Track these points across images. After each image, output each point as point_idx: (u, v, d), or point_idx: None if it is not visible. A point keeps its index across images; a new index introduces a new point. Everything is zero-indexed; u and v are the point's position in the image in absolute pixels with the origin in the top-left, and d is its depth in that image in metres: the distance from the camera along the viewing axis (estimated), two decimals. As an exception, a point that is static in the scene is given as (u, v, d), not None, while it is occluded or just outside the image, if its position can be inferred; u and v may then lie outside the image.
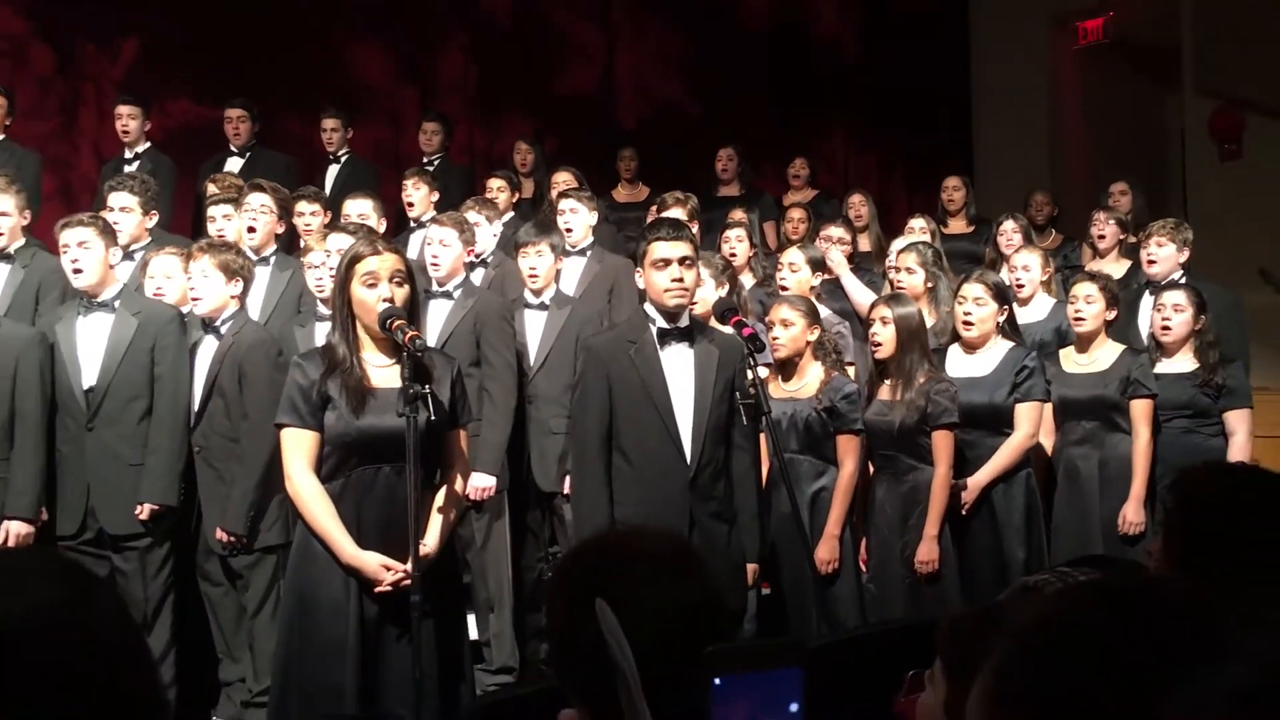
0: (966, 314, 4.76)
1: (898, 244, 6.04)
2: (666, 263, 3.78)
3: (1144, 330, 5.31)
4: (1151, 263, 5.56)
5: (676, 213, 5.91)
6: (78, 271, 4.51)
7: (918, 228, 6.54)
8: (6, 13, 8.11)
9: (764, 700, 1.27)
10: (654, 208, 6.43)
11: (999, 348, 4.77)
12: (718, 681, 1.27)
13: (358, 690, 3.27)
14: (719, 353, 3.84)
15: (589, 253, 5.82)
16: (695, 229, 5.98)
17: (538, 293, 5.17)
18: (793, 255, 5.53)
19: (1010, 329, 4.83)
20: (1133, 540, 4.67)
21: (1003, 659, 0.88)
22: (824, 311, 5.40)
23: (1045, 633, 0.87)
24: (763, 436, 4.02)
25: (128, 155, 7.04)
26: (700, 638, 1.35)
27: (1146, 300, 5.43)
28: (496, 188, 7.02)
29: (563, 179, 6.93)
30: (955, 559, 4.46)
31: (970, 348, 4.80)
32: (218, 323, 4.55)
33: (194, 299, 4.57)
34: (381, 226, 5.90)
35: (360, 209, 5.83)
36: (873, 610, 4.48)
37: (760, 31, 10.05)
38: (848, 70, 10.14)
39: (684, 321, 3.86)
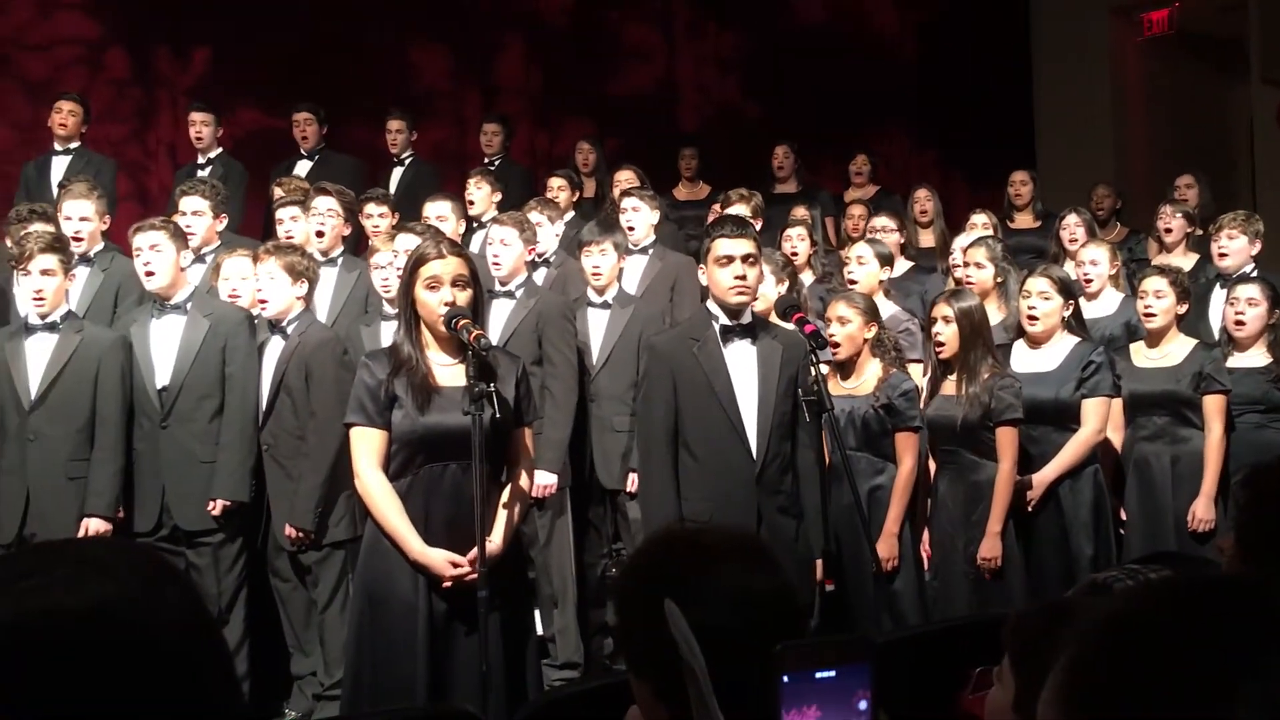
0: (1031, 308, 4.70)
1: (961, 240, 5.98)
2: (730, 260, 3.77)
3: (1214, 324, 5.22)
4: (1223, 256, 5.45)
5: (740, 210, 5.89)
6: (150, 274, 4.60)
7: (980, 223, 6.47)
8: (84, 20, 8.28)
9: (833, 697, 1.27)
10: (716, 205, 6.41)
11: (1065, 343, 4.71)
12: (786, 678, 1.26)
13: (427, 684, 3.30)
14: (782, 349, 3.84)
15: (651, 251, 5.82)
16: (758, 226, 5.97)
17: (600, 291, 5.19)
18: (861, 249, 5.49)
19: (1076, 324, 4.76)
20: (1204, 537, 4.58)
21: (1077, 656, 0.87)
22: (892, 308, 5.36)
23: (1121, 630, 0.86)
24: (824, 433, 4.00)
25: (200, 160, 7.17)
26: (774, 633, 1.34)
27: (1217, 294, 5.33)
28: (557, 187, 7.04)
29: (625, 178, 6.94)
30: (1020, 556, 4.41)
31: (1035, 343, 4.74)
32: (284, 323, 4.62)
33: (261, 301, 4.64)
34: (460, 228, 5.94)
35: (439, 210, 5.88)
36: (935, 607, 4.44)
37: (819, 30, 10.00)
38: (907, 66, 10.06)
39: (746, 318, 3.85)
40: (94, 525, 4.36)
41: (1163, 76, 9.71)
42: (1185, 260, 6.10)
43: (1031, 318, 4.70)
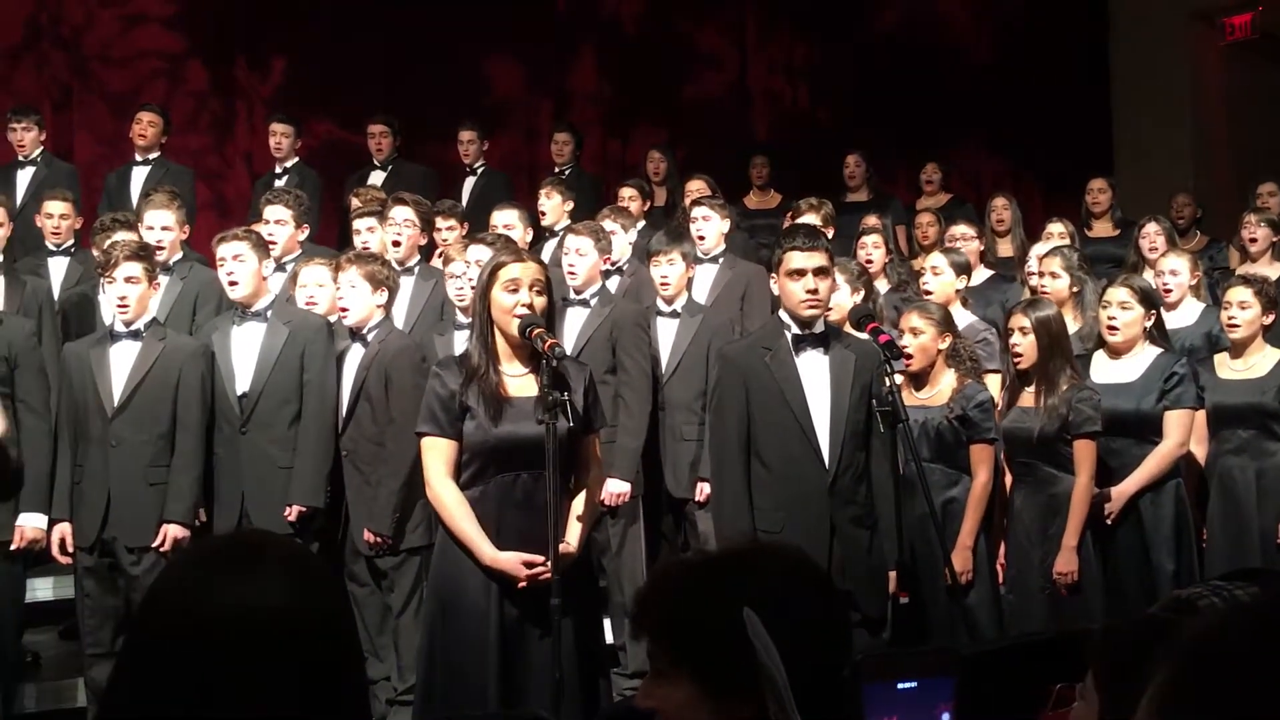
0: (1111, 319, 4.64)
1: (1038, 249, 5.91)
2: (802, 273, 3.76)
3: (1301, 336, 5.10)
4: (1311, 265, 5.34)
5: (811, 219, 5.88)
6: (233, 284, 4.69)
7: (1056, 232, 6.39)
8: (164, 33, 8.49)
9: (915, 708, 1.27)
10: (789, 214, 6.40)
11: (1146, 354, 4.64)
12: (868, 688, 1.27)
13: (499, 691, 3.32)
14: (855, 358, 3.82)
15: (721, 260, 5.82)
16: (830, 234, 5.95)
17: (669, 300, 5.19)
18: (936, 259, 5.45)
19: (1159, 334, 4.68)
20: (1290, 552, 4.49)
21: (1175, 674, 0.86)
22: (969, 318, 5.31)
23: (1224, 649, 0.85)
24: (898, 444, 3.97)
25: (277, 170, 7.30)
26: (815, 643, 1.35)
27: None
28: (628, 196, 7.06)
29: (696, 187, 6.95)
30: (1098, 571, 4.34)
31: (1116, 353, 4.67)
32: (364, 331, 4.68)
33: (342, 309, 4.71)
34: (527, 236, 5.99)
35: (506, 219, 5.93)
36: (1010, 621, 4.38)
37: (891, 36, 9.95)
38: (982, 73, 9.97)
39: (819, 328, 3.84)
40: (173, 531, 4.44)
41: (1244, 81, 9.53)
42: (1271, 270, 5.97)
43: (1112, 328, 4.63)
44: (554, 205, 6.62)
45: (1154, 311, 4.67)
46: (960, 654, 1.53)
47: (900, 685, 1.26)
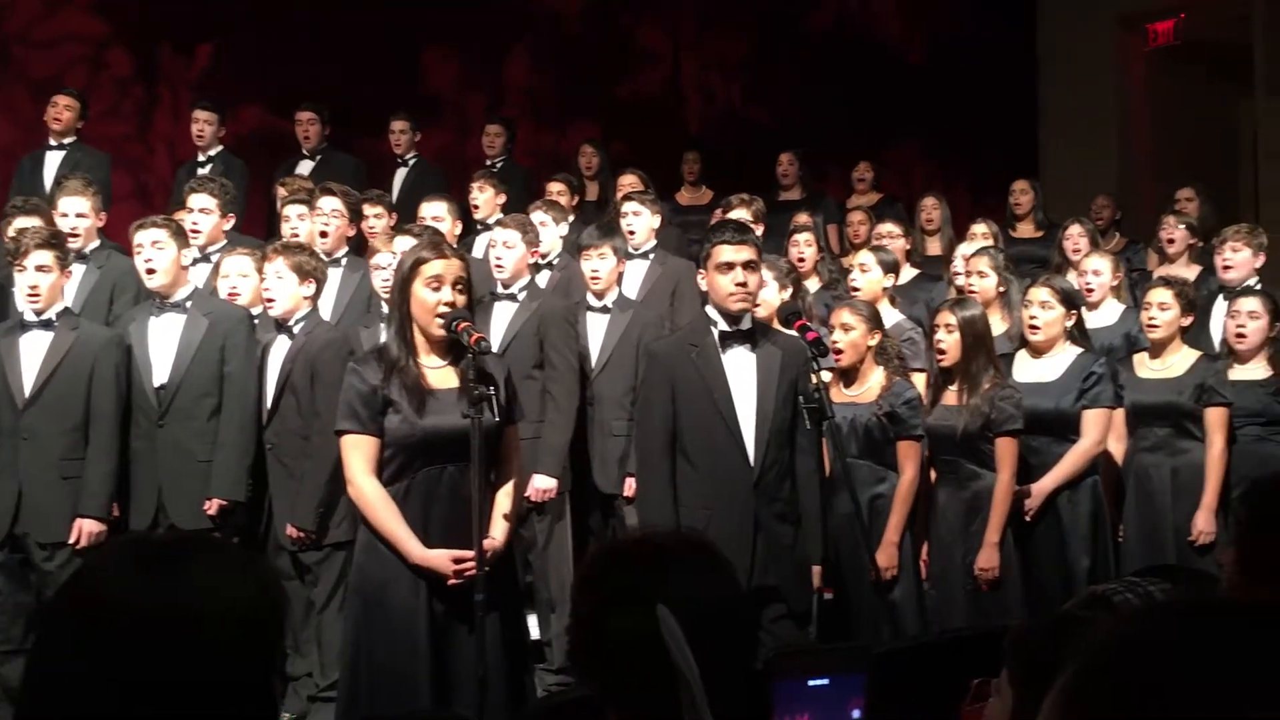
0: (1033, 318, 4.70)
1: (964, 249, 5.97)
2: (730, 266, 3.76)
3: (1216, 336, 5.21)
4: (1227, 268, 5.45)
5: (741, 214, 5.89)
6: (151, 272, 4.59)
7: (980, 233, 6.46)
8: (87, 16, 8.29)
9: (826, 704, 1.26)
10: (719, 210, 6.41)
11: (1067, 353, 4.70)
12: (779, 685, 1.26)
13: (431, 687, 3.29)
14: (781, 355, 3.82)
15: (652, 256, 5.81)
16: (760, 231, 5.96)
17: (600, 295, 5.18)
18: (864, 256, 5.48)
19: (1079, 334, 4.75)
20: (1204, 549, 4.58)
21: (1081, 672, 0.86)
22: (896, 316, 5.35)
23: (1126, 652, 0.85)
24: (824, 441, 3.99)
25: (200, 158, 7.16)
26: (720, 641, 1.35)
27: (1219, 306, 5.33)
28: (557, 191, 7.04)
29: (627, 181, 6.94)
30: (1018, 566, 4.40)
31: (1037, 353, 4.73)
32: (290, 322, 4.61)
33: (268, 300, 4.63)
34: (456, 229, 5.94)
35: (435, 211, 5.88)
36: (934, 617, 4.43)
37: (825, 37, 10.01)
38: (911, 75, 10.06)
39: (746, 324, 3.84)
40: (88, 526, 4.35)
41: (1167, 87, 9.71)
42: (1187, 272, 6.09)
43: (1033, 327, 4.69)
44: (486, 198, 6.58)
45: (1075, 311, 4.74)
46: (871, 650, 1.53)
47: (811, 682, 1.25)
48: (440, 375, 3.42)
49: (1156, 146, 9.62)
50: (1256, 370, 4.84)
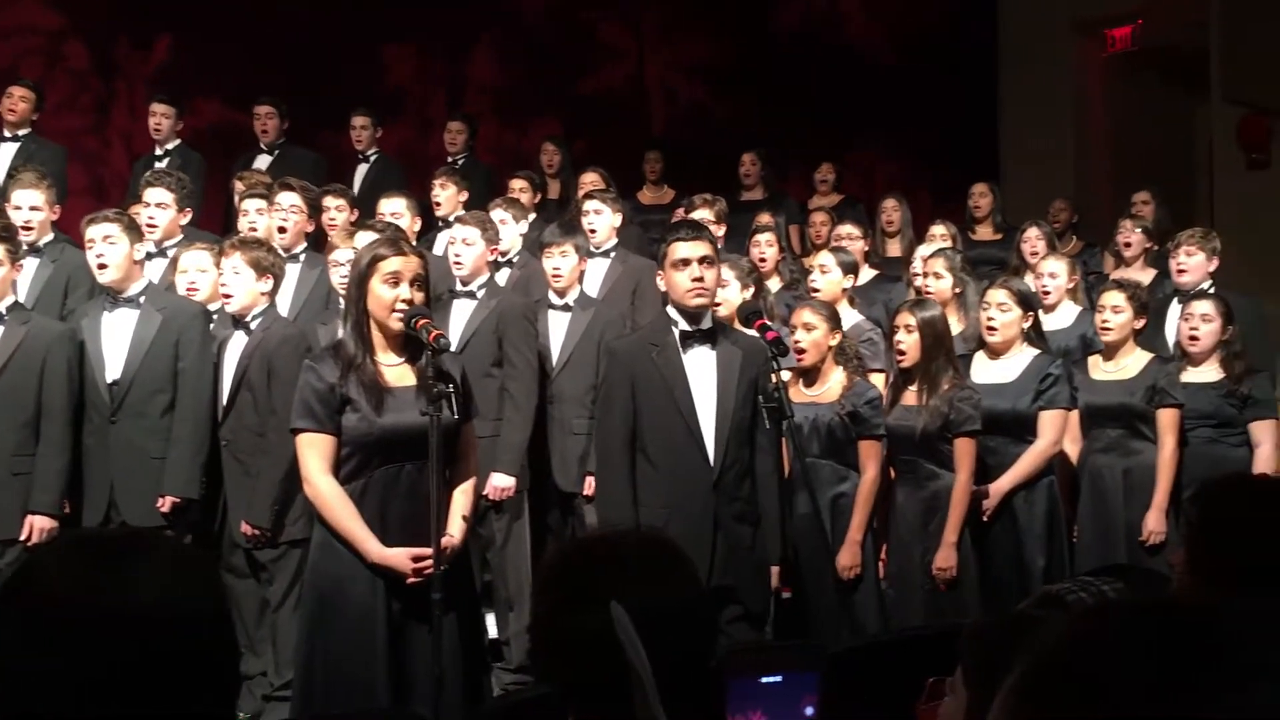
0: (990, 319, 4.74)
1: (923, 250, 6.01)
2: (686, 263, 3.77)
3: (1170, 339, 5.27)
4: (1181, 272, 5.52)
5: (704, 214, 5.90)
6: (103, 267, 4.54)
7: (939, 234, 6.51)
8: (42, 9, 8.17)
9: (779, 702, 1.26)
10: (681, 209, 6.41)
11: (1024, 355, 4.74)
12: (733, 683, 1.26)
13: (389, 686, 3.27)
14: (742, 355, 3.83)
15: (613, 254, 5.81)
16: (722, 231, 5.98)
17: (561, 293, 5.17)
18: (824, 258, 5.50)
19: (1036, 336, 4.79)
20: (1154, 549, 4.63)
21: (1029, 671, 0.86)
22: (856, 317, 5.38)
23: (1075, 647, 0.85)
24: (784, 440, 4.00)
25: (158, 152, 7.08)
26: (679, 639, 1.35)
27: (1174, 309, 5.39)
28: (519, 188, 7.02)
29: (589, 180, 6.93)
30: (975, 566, 4.43)
31: (994, 354, 4.77)
32: (248, 319, 4.57)
33: (225, 295, 4.59)
34: (415, 225, 5.91)
35: (394, 207, 5.84)
36: (892, 616, 4.45)
37: (790, 37, 10.04)
38: (874, 77, 10.11)
39: (706, 324, 3.85)
40: (39, 523, 4.29)
41: (1125, 93, 9.82)
42: (1143, 275, 6.16)
43: (990, 328, 4.73)
44: (448, 195, 6.55)
45: (1032, 313, 4.78)
46: (825, 648, 1.53)
47: (764, 679, 1.25)
48: (397, 373, 3.41)
49: (1114, 151, 9.73)
50: (1208, 373, 4.90)
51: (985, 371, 4.73)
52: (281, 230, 5.43)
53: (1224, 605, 0.88)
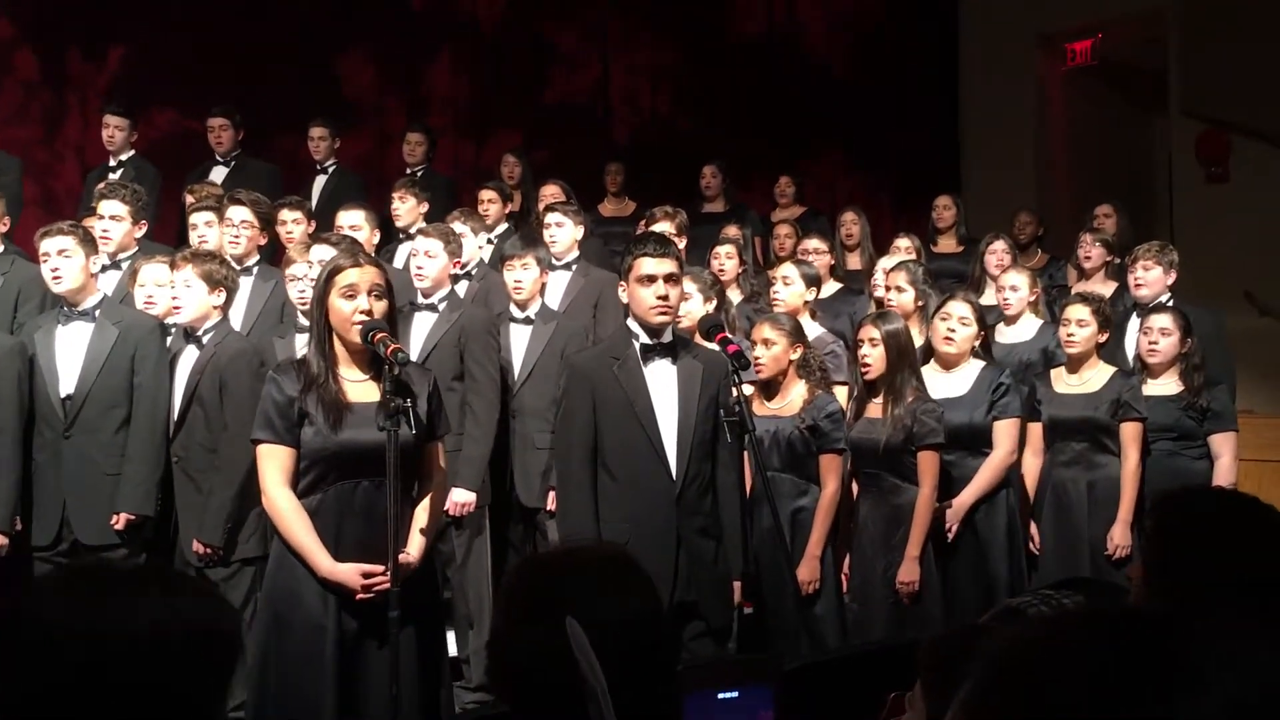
0: (950, 331, 4.77)
1: (885, 263, 6.05)
2: (652, 279, 3.77)
3: (1130, 352, 5.33)
4: (1139, 286, 5.58)
5: (665, 227, 5.91)
6: (57, 279, 4.50)
7: (903, 247, 6.56)
8: (-8, 20, 8.09)
9: (735, 717, 1.27)
10: (642, 222, 6.42)
11: (972, 366, 4.81)
12: (689, 699, 1.26)
13: (335, 706, 3.25)
14: (703, 368, 3.84)
15: (574, 267, 5.81)
16: (683, 244, 5.99)
17: (522, 306, 5.17)
18: (786, 270, 5.52)
19: (983, 350, 4.85)
20: (1120, 563, 4.67)
21: (979, 683, 0.87)
22: (818, 329, 5.40)
23: (1023, 658, 0.86)
24: (745, 454, 4.01)
25: (111, 163, 7.02)
26: (638, 652, 1.35)
27: (1134, 322, 5.45)
28: (488, 199, 7.01)
29: (550, 192, 6.94)
30: (939, 580, 4.45)
31: (946, 366, 4.82)
32: (199, 332, 4.54)
33: (176, 308, 4.56)
34: (374, 238, 5.88)
35: (352, 220, 5.82)
36: (854, 631, 4.47)
37: (750, 49, 10.09)
38: (836, 89, 10.18)
39: (667, 337, 3.86)
40: (-11, 539, 4.24)
41: (1085, 106, 9.94)
42: (1104, 288, 6.22)
43: (949, 339, 4.77)
44: (408, 208, 6.54)
45: (983, 332, 4.84)
46: (781, 662, 1.54)
47: (720, 695, 1.26)
48: (361, 389, 3.39)
49: (1075, 164, 9.84)
50: (1168, 385, 4.96)
51: (937, 385, 4.75)
52: (233, 244, 5.39)
53: (1178, 617, 0.89)
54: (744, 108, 9.77)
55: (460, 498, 4.74)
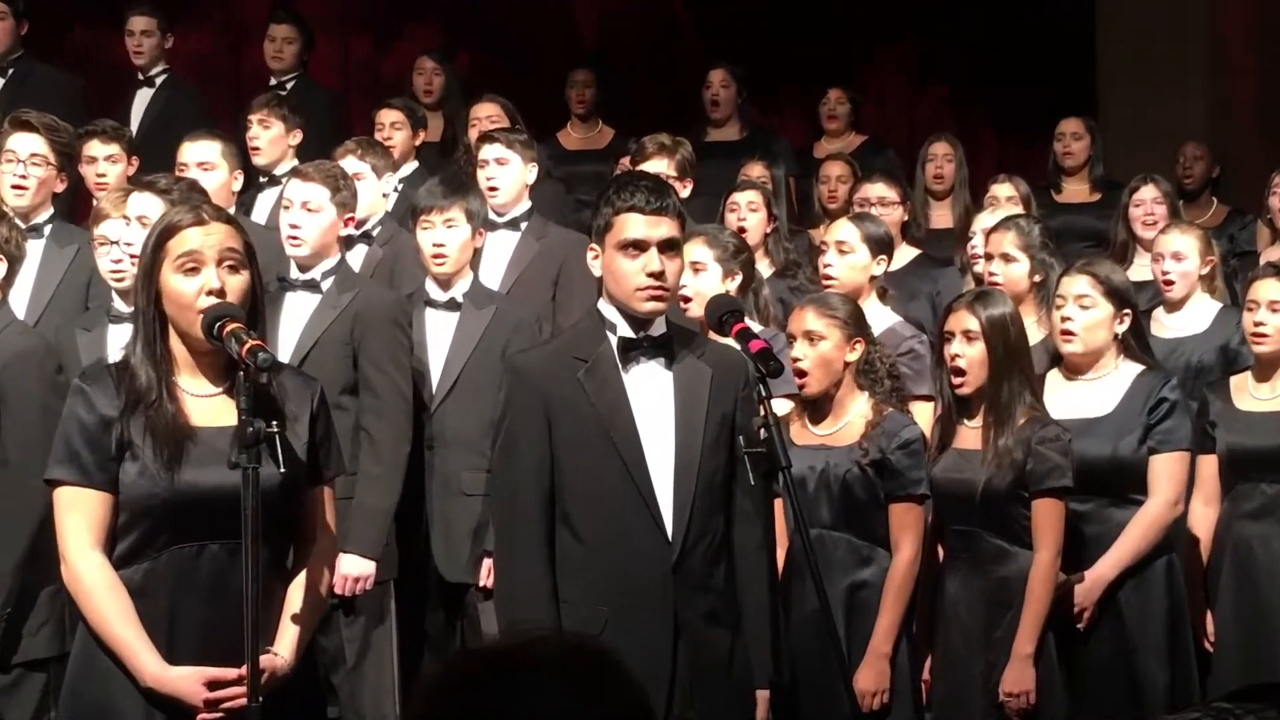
0: (1066, 320, 4.77)
1: (984, 220, 6.08)
2: (641, 247, 3.78)
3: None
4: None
5: (659, 166, 5.94)
6: None
7: (1004, 196, 6.58)
8: None
9: None
10: (625, 159, 6.44)
11: (1121, 373, 4.81)
12: None
13: None
14: (712, 375, 3.85)
15: (524, 225, 5.84)
16: (687, 192, 6.01)
17: (444, 284, 5.19)
18: (842, 231, 5.53)
19: (1137, 344, 4.85)
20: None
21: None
22: (890, 318, 5.42)
23: None
24: (779, 502, 4.02)
25: None
26: None
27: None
28: (390, 124, 7.04)
29: (486, 114, 6.96)
30: (1064, 685, 4.48)
31: (1075, 372, 4.83)
32: (-37, 323, 4.57)
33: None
34: (235, 183, 5.93)
35: (202, 154, 5.85)
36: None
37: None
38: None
39: (659, 329, 3.86)
40: None
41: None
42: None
43: (1067, 333, 4.76)
44: (271, 137, 6.58)
45: (1129, 312, 4.81)
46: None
47: None
48: (211, 408, 3.40)
49: (1265, 82, 9.86)
50: None
51: (1065, 400, 4.77)
52: (17, 190, 5.41)
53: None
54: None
55: (352, 568, 4.76)
